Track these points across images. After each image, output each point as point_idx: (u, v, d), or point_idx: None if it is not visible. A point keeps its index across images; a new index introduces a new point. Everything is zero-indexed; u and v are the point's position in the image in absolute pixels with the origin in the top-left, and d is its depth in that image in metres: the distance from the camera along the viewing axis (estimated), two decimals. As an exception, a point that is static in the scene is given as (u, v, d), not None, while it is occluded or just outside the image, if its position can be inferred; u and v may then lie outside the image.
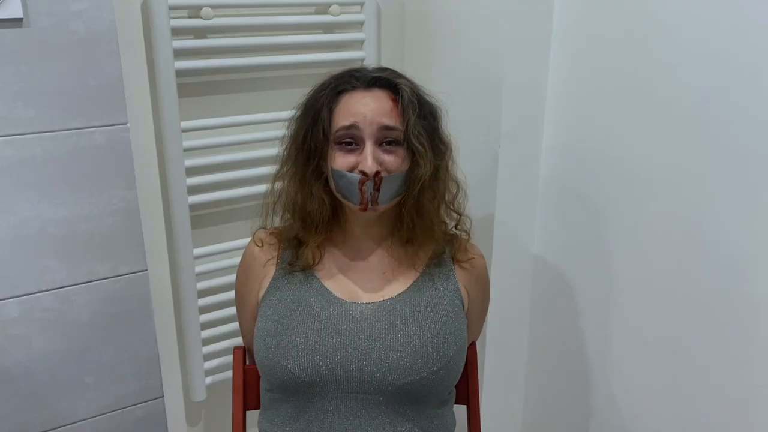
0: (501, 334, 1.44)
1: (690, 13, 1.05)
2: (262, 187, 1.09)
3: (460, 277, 1.07)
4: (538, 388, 1.51)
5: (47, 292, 1.07)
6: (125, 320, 1.15)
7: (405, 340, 0.97)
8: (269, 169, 1.08)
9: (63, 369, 1.11)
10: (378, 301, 1.01)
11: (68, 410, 1.14)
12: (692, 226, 1.10)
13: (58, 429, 1.14)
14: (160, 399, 1.22)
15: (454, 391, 1.10)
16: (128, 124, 1.06)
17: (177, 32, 1.23)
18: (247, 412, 1.15)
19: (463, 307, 1.06)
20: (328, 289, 1.02)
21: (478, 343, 1.19)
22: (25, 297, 1.05)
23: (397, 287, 1.03)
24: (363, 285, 1.03)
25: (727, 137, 1.02)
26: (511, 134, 1.32)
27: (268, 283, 1.05)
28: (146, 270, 1.14)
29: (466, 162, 1.21)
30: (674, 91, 1.09)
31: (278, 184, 1.05)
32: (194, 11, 1.25)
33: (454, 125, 1.06)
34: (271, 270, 1.06)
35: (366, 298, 1.02)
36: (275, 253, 1.07)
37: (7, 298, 1.04)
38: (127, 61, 1.12)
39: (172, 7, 1.19)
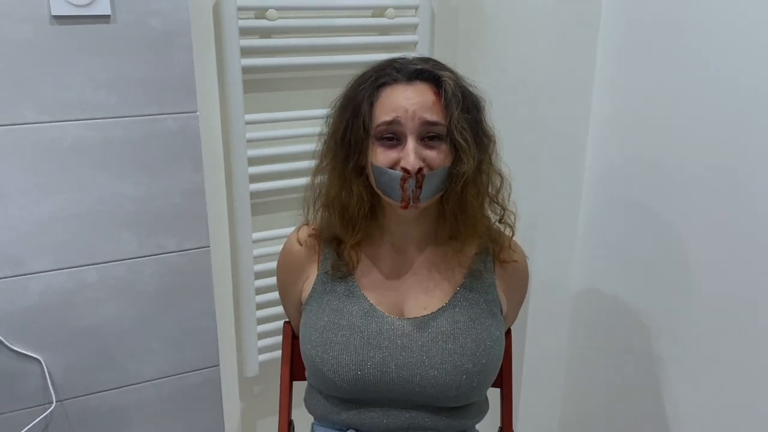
0: (541, 325, 1.48)
1: (741, 14, 1.04)
2: (316, 180, 1.14)
3: (500, 281, 1.06)
4: (577, 379, 1.54)
5: (120, 262, 1.18)
6: (188, 292, 1.25)
7: (445, 358, 0.98)
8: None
9: (132, 333, 1.23)
10: (419, 316, 1.01)
11: (135, 371, 1.26)
12: (741, 230, 1.09)
13: (126, 387, 1.26)
14: (216, 368, 1.32)
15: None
16: (197, 113, 1.17)
17: (244, 32, 1.33)
18: (294, 382, 1.23)
19: (502, 311, 1.06)
20: (370, 303, 1.02)
21: (518, 333, 1.21)
22: (101, 265, 1.17)
23: (438, 300, 1.02)
24: (405, 296, 1.03)
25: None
26: (554, 135, 1.36)
27: (310, 288, 1.05)
28: (209, 246, 1.25)
29: (509, 162, 1.24)
30: (726, 94, 1.08)
31: (318, 179, 1.04)
32: (260, 12, 1.35)
33: (498, 127, 1.06)
34: (313, 272, 1.06)
35: (408, 312, 1.02)
36: (315, 255, 1.06)
37: (87, 265, 1.16)
38: (199, 57, 1.22)
39: (240, 8, 1.30)
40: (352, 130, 0.95)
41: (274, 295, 1.50)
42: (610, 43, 1.32)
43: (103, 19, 1.06)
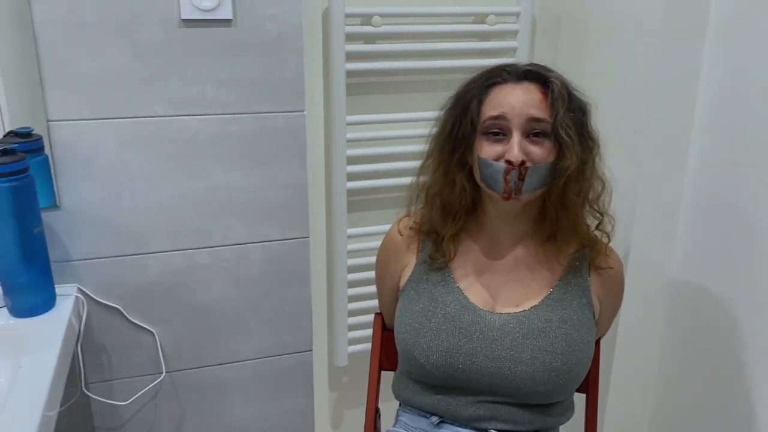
0: (633, 334, 1.46)
1: None
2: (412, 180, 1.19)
3: (594, 285, 1.06)
4: (668, 388, 1.50)
5: (229, 247, 1.28)
6: (287, 279, 1.33)
7: (535, 355, 1.00)
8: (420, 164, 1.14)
9: (235, 313, 1.33)
10: (512, 312, 1.03)
11: (236, 350, 1.35)
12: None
13: (227, 365, 1.35)
14: (309, 353, 1.40)
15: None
16: (305, 112, 1.25)
17: (350, 37, 1.40)
18: (382, 372, 1.28)
19: (594, 316, 1.07)
20: (465, 295, 1.05)
21: (608, 339, 1.21)
22: (212, 248, 1.27)
23: (532, 298, 1.04)
24: (499, 291, 1.06)
25: None
26: (657, 143, 1.34)
27: (408, 275, 1.10)
28: (308, 237, 1.33)
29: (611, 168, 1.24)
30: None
31: (423, 173, 1.09)
32: (366, 19, 1.42)
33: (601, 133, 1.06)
34: (411, 261, 1.11)
35: (501, 308, 1.04)
36: (415, 245, 1.11)
37: (200, 248, 1.26)
38: (308, 60, 1.31)
39: (348, 15, 1.37)
40: (460, 125, 1.00)
41: (366, 289, 1.57)
42: (716, 50, 1.29)
43: (226, 23, 1.16)
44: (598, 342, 1.18)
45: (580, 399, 1.19)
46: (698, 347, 1.40)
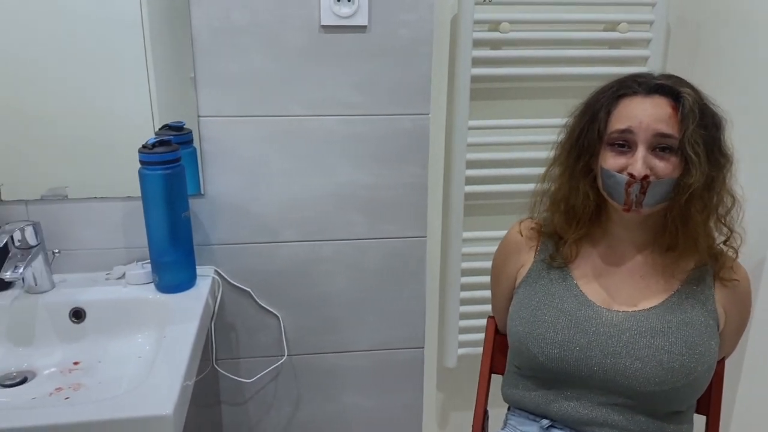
0: (763, 357, 1.37)
1: None
2: (533, 186, 1.20)
3: (719, 296, 1.04)
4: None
5: (350, 241, 1.35)
6: (403, 275, 1.38)
7: (652, 353, 0.99)
8: (541, 170, 1.14)
9: (353, 305, 1.39)
10: (630, 311, 1.03)
11: (352, 340, 1.41)
12: None
13: (342, 353, 1.42)
14: (421, 349, 1.44)
15: (695, 402, 1.10)
16: (430, 115, 1.29)
17: (477, 43, 1.43)
18: (491, 375, 1.29)
19: (718, 327, 1.04)
20: (582, 292, 1.06)
21: (734, 360, 1.16)
22: (335, 241, 1.34)
23: (651, 300, 1.03)
24: (617, 292, 1.05)
25: None
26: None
27: (525, 273, 1.12)
28: (425, 237, 1.37)
29: (748, 179, 1.19)
30: None
31: (548, 179, 1.11)
32: (494, 25, 1.44)
33: (738, 146, 1.03)
34: (529, 260, 1.13)
35: (619, 306, 1.04)
36: (534, 245, 1.13)
37: (324, 240, 1.34)
38: (434, 64, 1.35)
39: (476, 22, 1.40)
40: (587, 133, 1.01)
41: (478, 293, 1.58)
42: None
43: (361, 29, 1.22)
44: (722, 361, 1.14)
45: (699, 421, 1.14)
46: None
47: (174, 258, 1.20)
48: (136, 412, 0.86)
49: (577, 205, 1.05)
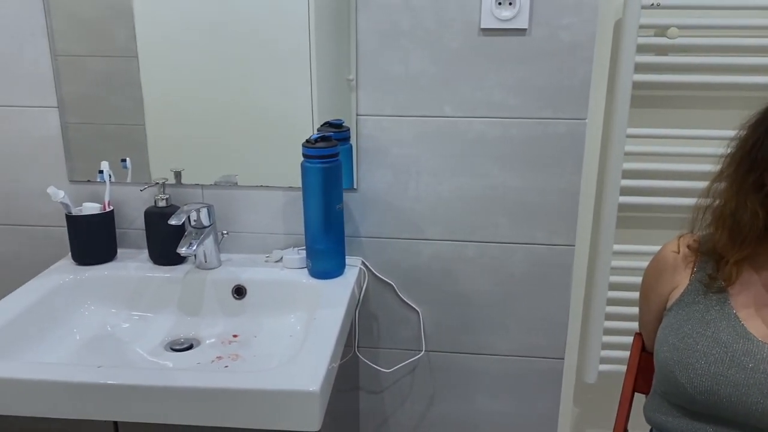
0: None
1: None
2: (693, 201, 1.12)
3: None
4: None
5: (495, 244, 1.35)
6: (548, 284, 1.36)
7: None
8: (703, 184, 1.08)
9: (494, 308, 1.39)
10: None
11: (489, 343, 1.42)
12: None
13: (480, 355, 1.43)
14: (561, 360, 1.40)
15: None
16: (587, 120, 1.27)
17: (641, 48, 1.37)
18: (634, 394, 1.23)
19: None
20: (741, 322, 0.99)
21: None
22: (480, 243, 1.35)
23: None
24: None
25: None
26: None
27: (678, 295, 1.06)
28: (574, 246, 1.33)
29: None
30: None
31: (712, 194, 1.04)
32: (660, 30, 1.38)
33: None
34: (684, 281, 1.07)
35: None
36: (691, 265, 1.07)
37: (469, 241, 1.35)
38: (594, 69, 1.31)
39: (642, 26, 1.35)
40: (762, 146, 0.95)
41: (626, 309, 1.52)
42: None
43: (520, 32, 1.22)
44: None
45: None
46: None
47: (326, 246, 1.27)
48: (287, 385, 0.92)
49: (744, 223, 0.97)
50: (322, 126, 1.32)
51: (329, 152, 1.22)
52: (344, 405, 1.38)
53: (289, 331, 1.22)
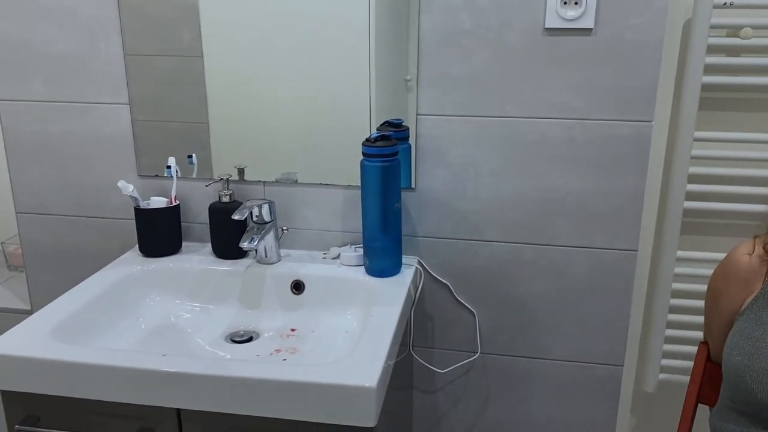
0: None
1: None
2: (761, 207, 1.08)
3: None
4: None
5: (554, 247, 1.33)
6: (608, 289, 1.33)
7: None
8: None
9: (552, 312, 1.37)
10: None
11: (546, 347, 1.39)
12: None
13: (536, 359, 1.41)
14: (620, 368, 1.37)
15: None
16: (653, 123, 1.23)
17: (711, 49, 1.33)
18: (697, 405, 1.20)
19: None
20: None
21: None
22: (538, 246, 1.33)
23: None
24: None
25: None
26: None
27: (749, 300, 1.04)
28: (636, 251, 1.30)
29: None
30: None
31: None
32: (733, 31, 1.33)
33: None
34: (756, 285, 1.04)
35: None
36: (764, 269, 1.04)
37: (527, 243, 1.34)
38: (662, 70, 1.28)
39: (713, 26, 1.30)
40: None
41: (688, 317, 1.48)
42: None
43: (586, 32, 1.20)
44: None
45: None
46: None
47: (384, 245, 1.28)
48: (344, 380, 0.93)
49: None
50: (381, 125, 1.33)
51: (389, 151, 1.23)
52: (398, 404, 1.38)
53: (346, 327, 1.23)
